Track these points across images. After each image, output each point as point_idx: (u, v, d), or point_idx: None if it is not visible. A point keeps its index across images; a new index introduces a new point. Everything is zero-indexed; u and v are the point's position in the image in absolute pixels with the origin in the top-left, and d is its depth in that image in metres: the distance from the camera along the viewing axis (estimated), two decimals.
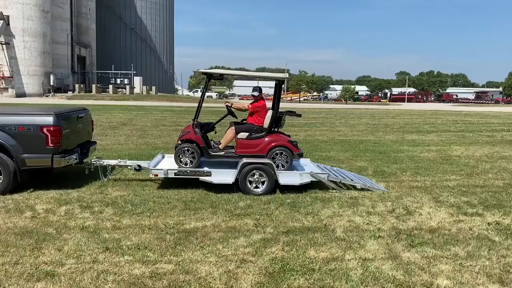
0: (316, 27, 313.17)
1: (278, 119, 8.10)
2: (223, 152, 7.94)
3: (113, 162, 8.24)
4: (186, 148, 7.69)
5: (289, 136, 8.13)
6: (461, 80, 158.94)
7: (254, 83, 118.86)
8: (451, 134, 18.53)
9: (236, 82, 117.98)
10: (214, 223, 5.77)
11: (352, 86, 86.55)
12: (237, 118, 8.57)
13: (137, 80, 59.62)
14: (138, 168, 7.95)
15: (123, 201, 6.76)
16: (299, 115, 8.99)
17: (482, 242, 5.26)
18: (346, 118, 28.12)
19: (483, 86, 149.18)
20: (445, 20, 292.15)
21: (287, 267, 4.43)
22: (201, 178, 7.43)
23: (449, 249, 5.02)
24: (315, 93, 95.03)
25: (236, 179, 7.34)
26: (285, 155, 7.75)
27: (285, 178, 7.50)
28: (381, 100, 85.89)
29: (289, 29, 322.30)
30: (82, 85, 51.98)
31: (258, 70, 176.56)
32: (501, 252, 4.97)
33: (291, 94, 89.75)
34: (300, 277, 4.20)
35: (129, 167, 8.15)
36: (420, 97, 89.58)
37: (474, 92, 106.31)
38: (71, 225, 5.59)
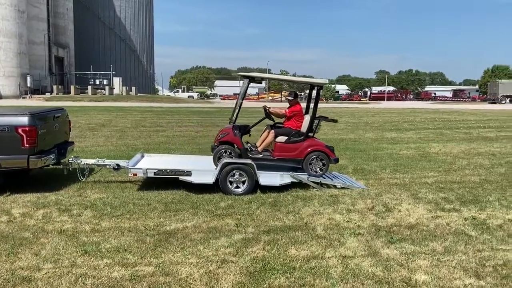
0: (298, 27, 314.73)
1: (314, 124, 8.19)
2: (262, 155, 7.99)
3: (91, 161, 8.13)
4: (225, 150, 7.75)
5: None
6: (439, 79, 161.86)
7: (236, 83, 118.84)
8: (429, 131, 18.84)
9: (217, 82, 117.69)
10: (195, 224, 5.74)
11: (333, 85, 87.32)
12: (274, 121, 8.63)
13: (117, 81, 58.89)
14: (116, 167, 7.85)
15: (102, 203, 6.67)
16: (336, 121, 9.28)
17: (459, 237, 5.37)
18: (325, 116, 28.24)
19: (460, 84, 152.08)
20: (423, 19, 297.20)
21: (268, 266, 4.44)
22: (181, 178, 7.39)
23: (427, 245, 5.10)
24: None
25: (217, 179, 7.32)
26: (322, 160, 7.88)
27: (266, 178, 7.52)
28: (361, 99, 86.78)
29: (270, 29, 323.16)
30: (60, 87, 51.06)
31: (239, 70, 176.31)
32: (477, 246, 5.07)
33: (272, 94, 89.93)
34: (280, 276, 4.22)
35: (107, 166, 8.05)
36: (399, 95, 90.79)
37: (452, 90, 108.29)
38: (48, 229, 5.49)
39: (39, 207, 6.44)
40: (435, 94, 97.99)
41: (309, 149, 7.86)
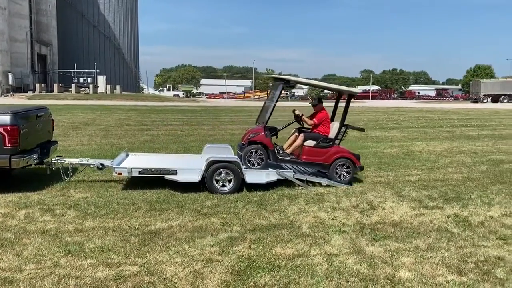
0: (284, 26, 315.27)
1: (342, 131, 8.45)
2: (290, 157, 8.14)
3: (75, 160, 8.03)
4: (255, 150, 7.84)
5: None
6: (423, 78, 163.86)
7: (222, 82, 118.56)
8: (413, 130, 19.06)
9: (203, 81, 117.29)
10: (180, 223, 5.71)
11: None
12: (302, 126, 8.82)
13: (101, 79, 58.22)
14: (101, 167, 7.77)
15: (86, 203, 6.59)
16: (362, 130, 9.58)
17: (442, 234, 5.45)
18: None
19: (443, 84, 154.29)
20: (406, 19, 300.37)
21: (254, 264, 4.45)
22: (167, 177, 7.35)
23: (410, 242, 5.17)
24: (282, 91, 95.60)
25: (203, 178, 7.30)
26: (348, 167, 8.12)
27: (252, 176, 7.52)
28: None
29: (256, 27, 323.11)
30: (43, 85, 50.27)
31: (225, 68, 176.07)
32: (459, 243, 5.16)
33: (258, 93, 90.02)
34: (266, 274, 4.22)
35: (91, 166, 7.97)
36: (383, 94, 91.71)
37: (435, 89, 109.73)
38: (31, 229, 5.41)
39: (21, 207, 6.33)
40: (419, 93, 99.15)
41: (336, 155, 8.12)
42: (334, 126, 8.47)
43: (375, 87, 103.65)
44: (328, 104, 9.17)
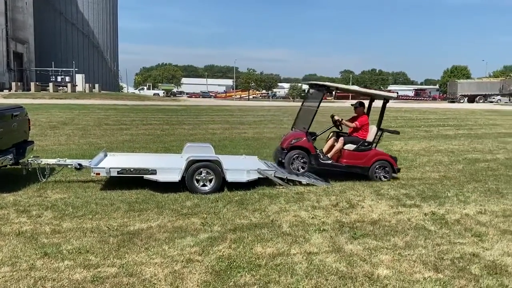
0: (265, 25, 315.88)
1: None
2: (331, 161, 8.42)
3: (52, 161, 7.88)
4: (298, 155, 8.10)
5: None
6: (401, 78, 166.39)
7: (203, 81, 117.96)
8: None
9: (184, 80, 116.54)
10: (160, 224, 5.66)
11: (299, 84, 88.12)
12: (341, 130, 9.16)
13: (79, 78, 57.35)
14: (78, 167, 7.64)
15: (63, 203, 6.47)
16: (398, 133, 10.01)
17: (419, 232, 5.54)
18: (293, 115, 28.50)
19: (421, 84, 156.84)
20: (386, 20, 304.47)
21: (234, 264, 4.44)
22: (146, 176, 7.27)
23: (389, 240, 5.24)
24: (263, 91, 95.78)
25: (183, 177, 7.25)
26: (386, 169, 8.51)
27: (233, 175, 7.51)
28: (327, 98, 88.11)
29: (238, 27, 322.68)
30: (19, 84, 49.15)
31: (206, 68, 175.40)
32: (436, 240, 5.25)
33: (240, 92, 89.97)
34: (246, 274, 4.22)
35: (69, 166, 7.82)
36: None
37: (414, 89, 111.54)
38: (6, 231, 5.28)
39: None
40: (397, 93, 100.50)
41: (375, 158, 8.49)
42: (373, 130, 8.79)
43: (355, 87, 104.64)
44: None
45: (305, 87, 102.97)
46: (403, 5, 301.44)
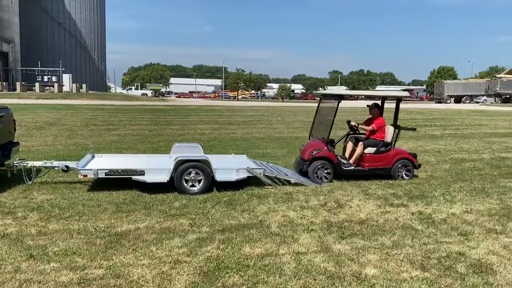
0: (254, 25, 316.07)
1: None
2: (353, 167, 8.57)
3: (38, 163, 7.77)
4: (322, 165, 8.23)
5: None
6: (389, 79, 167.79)
7: (192, 81, 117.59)
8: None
9: (172, 80, 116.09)
10: (148, 225, 5.62)
11: (288, 85, 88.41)
12: (358, 132, 9.28)
13: (66, 78, 56.79)
14: (65, 169, 7.55)
15: (49, 205, 6.40)
16: (414, 129, 10.35)
17: (407, 231, 5.59)
18: (282, 115, 28.64)
19: (409, 84, 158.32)
20: (373, 20, 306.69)
21: (222, 265, 4.43)
22: (134, 177, 7.22)
23: (376, 239, 5.27)
24: (252, 91, 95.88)
25: (171, 178, 7.21)
26: (408, 167, 8.72)
27: (222, 174, 7.48)
28: (316, 98, 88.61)
29: (227, 26, 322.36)
30: (4, 83, 48.54)
31: (195, 68, 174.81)
32: (423, 240, 5.30)
33: (229, 92, 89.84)
34: (234, 274, 4.22)
35: (56, 168, 7.73)
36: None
37: (401, 90, 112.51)
38: None
39: None
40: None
41: (396, 158, 8.67)
42: (390, 130, 8.96)
43: (344, 88, 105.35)
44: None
45: (294, 86, 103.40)
46: (391, 7, 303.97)
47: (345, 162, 8.65)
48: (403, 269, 4.45)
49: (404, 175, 8.67)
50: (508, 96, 65.05)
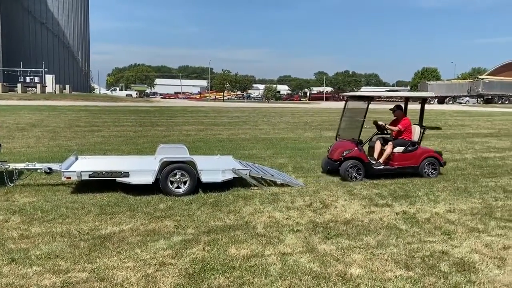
0: (240, 26, 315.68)
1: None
2: (383, 166, 8.87)
3: (20, 165, 7.64)
4: (353, 165, 8.53)
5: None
6: (374, 80, 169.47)
7: (177, 82, 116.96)
8: (364, 130, 19.59)
9: (157, 81, 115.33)
10: (132, 227, 5.57)
11: (274, 86, 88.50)
12: (386, 133, 9.50)
13: (49, 78, 55.96)
14: (48, 171, 7.44)
15: (32, 208, 6.29)
16: (439, 128, 10.88)
17: (391, 231, 5.64)
18: (268, 116, 28.67)
19: (393, 85, 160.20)
20: (358, 22, 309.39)
21: (208, 266, 4.41)
22: (118, 179, 7.14)
23: (361, 239, 5.31)
24: (238, 92, 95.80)
25: (156, 179, 7.15)
26: (434, 164, 9.12)
27: (208, 176, 7.45)
28: (301, 99, 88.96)
29: (213, 27, 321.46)
30: None
31: (180, 68, 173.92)
32: (407, 239, 5.36)
33: (215, 93, 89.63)
34: (220, 276, 4.20)
35: (38, 171, 7.60)
36: (337, 96, 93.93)
37: (386, 90, 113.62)
38: None
39: None
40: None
41: (423, 156, 9.05)
42: (417, 130, 9.29)
43: (329, 89, 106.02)
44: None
45: (279, 87, 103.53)
46: (375, 8, 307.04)
47: (375, 162, 8.88)
48: (388, 268, 4.49)
49: (430, 173, 9.05)
50: (490, 97, 66.28)
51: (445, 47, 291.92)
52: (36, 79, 55.70)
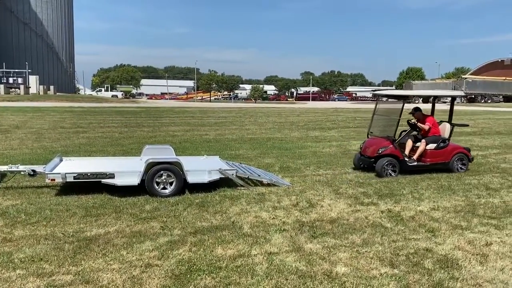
0: (227, 26, 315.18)
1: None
2: (417, 163, 9.17)
3: (3, 167, 7.53)
4: (389, 162, 8.88)
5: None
6: (360, 80, 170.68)
7: (163, 82, 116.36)
8: (350, 130, 19.78)
9: (143, 81, 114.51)
10: (118, 229, 5.53)
11: (261, 86, 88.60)
12: (418, 132, 9.69)
13: (33, 79, 55.24)
14: (32, 173, 7.34)
15: (15, 210, 6.21)
16: (467, 125, 11.35)
17: (376, 229, 5.70)
18: (255, 117, 28.69)
19: (379, 85, 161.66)
20: (344, 22, 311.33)
21: (194, 267, 4.40)
22: (104, 181, 7.08)
23: (347, 238, 5.36)
24: (225, 92, 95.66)
25: (142, 180, 7.11)
26: (463, 160, 9.51)
27: (194, 176, 7.43)
28: (288, 99, 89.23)
29: (199, 28, 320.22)
30: None
31: (166, 69, 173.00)
32: (392, 237, 5.42)
33: (201, 94, 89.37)
34: (206, 276, 4.20)
35: (22, 173, 7.49)
36: (323, 95, 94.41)
37: (372, 90, 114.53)
38: None
39: None
40: (356, 94, 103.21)
41: (454, 152, 9.40)
42: (447, 127, 9.64)
43: (315, 89, 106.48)
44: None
45: (266, 88, 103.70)
46: (361, 9, 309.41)
47: (408, 158, 9.12)
48: (373, 266, 4.54)
49: (459, 168, 9.43)
50: (473, 96, 67.21)
51: (429, 47, 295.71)
52: (20, 80, 54.94)
